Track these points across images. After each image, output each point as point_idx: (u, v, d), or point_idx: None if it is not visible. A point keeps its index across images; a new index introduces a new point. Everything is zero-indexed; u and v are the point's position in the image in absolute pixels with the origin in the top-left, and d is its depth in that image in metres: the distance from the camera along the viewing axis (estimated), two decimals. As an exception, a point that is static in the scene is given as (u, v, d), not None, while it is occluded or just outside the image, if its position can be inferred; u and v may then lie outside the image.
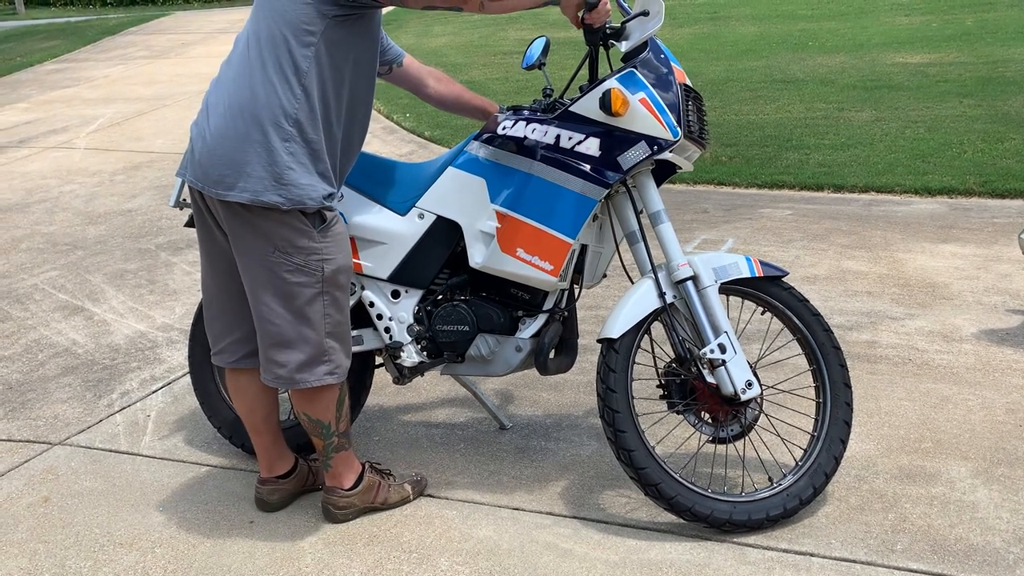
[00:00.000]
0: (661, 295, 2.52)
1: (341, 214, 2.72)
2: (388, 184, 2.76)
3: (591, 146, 2.48)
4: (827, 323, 2.60)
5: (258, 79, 2.28)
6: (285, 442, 2.72)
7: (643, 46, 2.52)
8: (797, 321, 2.58)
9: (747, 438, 2.61)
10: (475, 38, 13.13)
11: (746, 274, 2.54)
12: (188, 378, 3.39)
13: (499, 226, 2.54)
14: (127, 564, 2.50)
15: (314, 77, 2.28)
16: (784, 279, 2.60)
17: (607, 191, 2.50)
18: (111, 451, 3.11)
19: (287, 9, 2.26)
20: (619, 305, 2.54)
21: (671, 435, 2.89)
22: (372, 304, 2.75)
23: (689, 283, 2.52)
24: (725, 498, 2.49)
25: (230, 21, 15.71)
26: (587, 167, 2.48)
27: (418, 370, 2.77)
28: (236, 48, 2.38)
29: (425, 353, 2.75)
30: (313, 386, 2.44)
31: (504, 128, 2.58)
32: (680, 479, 2.47)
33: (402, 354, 2.73)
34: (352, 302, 2.78)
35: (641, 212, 2.62)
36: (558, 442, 3.02)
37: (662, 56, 2.53)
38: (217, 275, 2.52)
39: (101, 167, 7.28)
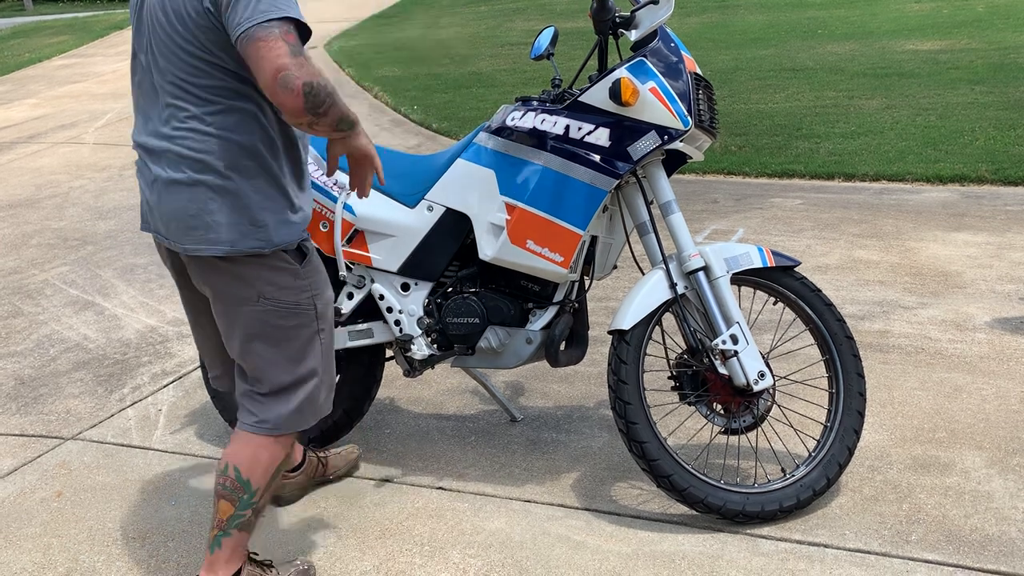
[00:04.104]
0: (672, 286, 2.51)
1: (348, 207, 2.72)
2: (397, 176, 2.75)
3: (601, 136, 2.46)
4: (839, 313, 2.58)
5: None
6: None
7: (652, 35, 2.51)
8: (809, 311, 2.57)
9: (760, 429, 2.60)
10: (482, 29, 13.10)
11: (758, 264, 2.53)
12: (198, 372, 3.40)
13: (509, 218, 2.53)
14: (140, 557, 2.50)
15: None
16: (796, 269, 2.58)
17: (617, 181, 2.48)
18: (123, 445, 3.12)
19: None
20: (630, 296, 2.53)
21: (683, 426, 2.88)
22: (382, 297, 2.74)
23: (700, 273, 2.50)
24: (738, 489, 2.48)
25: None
26: (597, 157, 2.47)
27: (429, 363, 2.77)
28: None
29: (435, 346, 2.75)
30: (299, 430, 2.21)
31: (513, 119, 2.56)
32: (692, 470, 2.47)
33: (412, 347, 2.73)
34: (362, 295, 2.78)
35: (652, 202, 2.61)
36: (569, 434, 3.02)
37: (672, 45, 2.51)
38: (209, 323, 2.28)
39: (110, 162, 7.30)
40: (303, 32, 1.90)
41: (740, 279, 2.56)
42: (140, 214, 2.19)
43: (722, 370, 2.49)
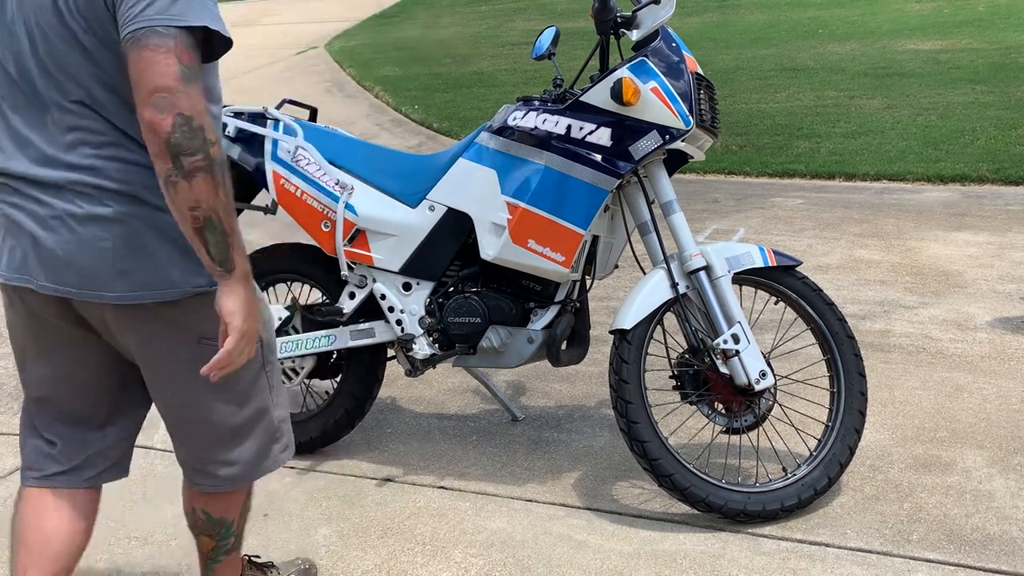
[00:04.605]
0: (674, 285, 2.51)
1: (350, 207, 2.71)
2: (398, 176, 2.76)
3: (602, 136, 2.47)
4: (841, 312, 2.58)
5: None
6: None
7: (654, 35, 2.51)
8: (811, 311, 2.57)
9: (761, 428, 2.60)
10: (483, 29, 13.09)
11: (759, 264, 2.53)
12: (200, 372, 3.39)
13: (510, 217, 2.54)
14: (142, 557, 2.51)
15: None
16: (797, 268, 2.59)
17: (619, 181, 2.49)
18: (125, 445, 3.11)
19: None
20: (631, 296, 2.53)
21: (684, 426, 2.88)
22: (384, 296, 2.75)
23: (702, 273, 2.51)
24: (739, 488, 2.49)
25: (239, 15, 15.71)
26: (598, 157, 2.47)
27: (430, 362, 2.77)
28: None
29: (437, 345, 2.75)
30: (264, 475, 2.00)
31: (515, 119, 2.57)
32: (694, 470, 2.47)
33: (414, 346, 2.73)
34: (363, 294, 2.78)
35: (653, 202, 2.62)
36: (570, 433, 3.02)
37: (673, 44, 2.51)
38: (76, 381, 1.89)
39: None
40: (218, 45, 1.62)
41: (741, 278, 2.56)
42: (8, 262, 1.74)
43: (723, 369, 2.49)
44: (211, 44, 1.62)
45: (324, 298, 2.93)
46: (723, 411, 2.57)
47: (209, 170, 1.55)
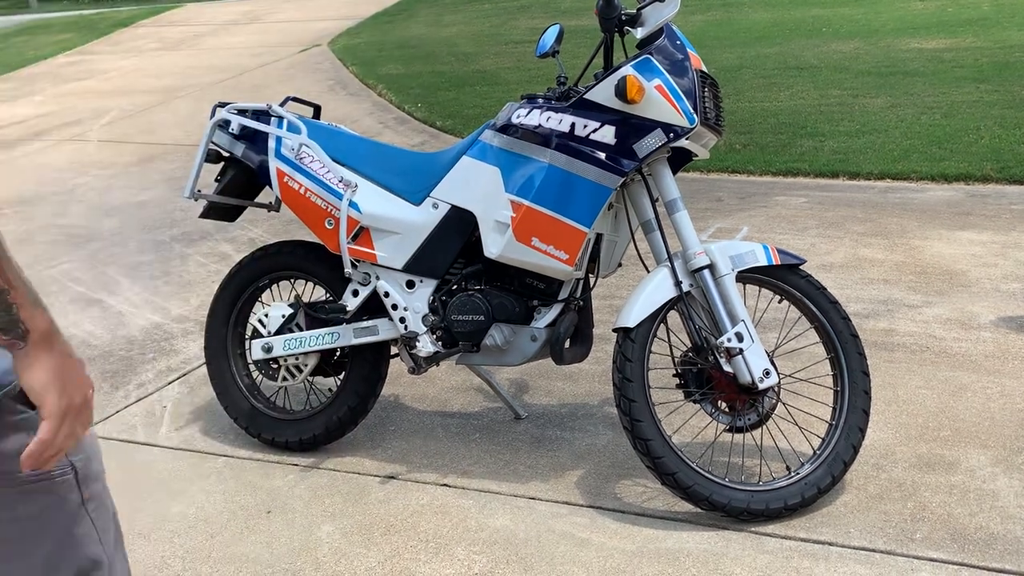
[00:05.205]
0: (677, 284, 2.51)
1: (354, 204, 2.71)
2: (402, 174, 2.76)
3: (606, 134, 2.47)
4: (844, 311, 2.58)
5: None
6: None
7: (658, 32, 2.51)
8: (814, 309, 2.57)
9: (764, 427, 2.60)
10: (486, 27, 13.08)
11: (763, 262, 2.53)
12: (203, 369, 3.40)
13: (514, 215, 2.54)
14: (146, 554, 2.51)
15: None
16: (801, 267, 2.58)
17: (623, 179, 2.48)
18: (128, 442, 3.12)
19: None
20: (635, 294, 2.53)
21: (688, 424, 2.88)
22: (387, 294, 2.75)
23: (706, 271, 2.51)
24: (742, 487, 2.48)
25: (242, 12, 15.72)
26: (602, 155, 2.47)
27: (433, 360, 2.77)
28: None
29: (440, 343, 2.75)
30: None
31: (519, 117, 2.57)
32: (697, 468, 2.47)
33: (417, 344, 2.73)
34: (367, 292, 2.78)
35: (657, 200, 2.61)
36: (573, 432, 3.02)
37: (678, 42, 2.51)
38: None
39: (115, 159, 7.30)
40: None
41: (745, 277, 2.56)
42: None
43: (727, 368, 2.49)
44: None
45: (328, 296, 2.93)
46: (726, 409, 2.57)
47: None
